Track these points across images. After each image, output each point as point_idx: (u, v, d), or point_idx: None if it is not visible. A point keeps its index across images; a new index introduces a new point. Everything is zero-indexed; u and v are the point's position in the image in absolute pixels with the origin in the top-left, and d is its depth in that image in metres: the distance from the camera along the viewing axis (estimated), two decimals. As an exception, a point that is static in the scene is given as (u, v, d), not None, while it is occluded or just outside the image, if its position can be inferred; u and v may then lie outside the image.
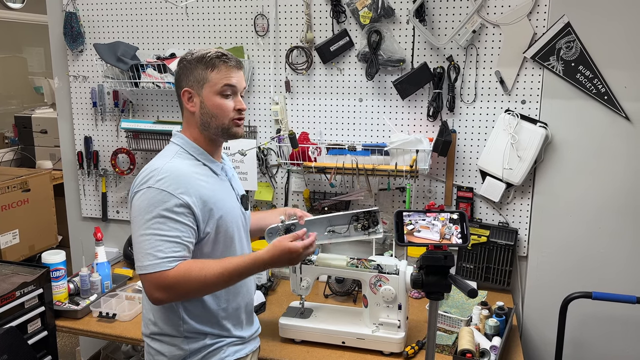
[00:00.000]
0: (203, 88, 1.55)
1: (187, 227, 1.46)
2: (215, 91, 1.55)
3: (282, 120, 2.50)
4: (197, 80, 1.55)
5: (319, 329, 1.95)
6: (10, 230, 3.71)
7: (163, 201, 1.44)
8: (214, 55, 1.55)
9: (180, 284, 1.42)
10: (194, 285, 1.43)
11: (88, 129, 2.83)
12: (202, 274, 1.44)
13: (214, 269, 1.45)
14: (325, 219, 1.93)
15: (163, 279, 1.41)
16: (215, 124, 1.57)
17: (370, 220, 1.93)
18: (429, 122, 2.35)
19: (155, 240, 1.42)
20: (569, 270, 2.28)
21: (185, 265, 1.44)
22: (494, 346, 1.85)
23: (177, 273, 1.42)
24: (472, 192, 2.35)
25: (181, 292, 1.45)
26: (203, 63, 1.54)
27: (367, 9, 2.26)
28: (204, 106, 1.56)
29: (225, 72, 1.55)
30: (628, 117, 2.12)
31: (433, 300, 1.39)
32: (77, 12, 2.70)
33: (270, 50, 2.49)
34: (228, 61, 1.56)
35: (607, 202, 2.20)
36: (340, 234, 1.93)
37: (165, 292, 1.43)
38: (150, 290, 1.43)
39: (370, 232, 1.92)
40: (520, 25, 2.17)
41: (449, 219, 1.40)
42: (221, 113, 1.56)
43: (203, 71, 1.54)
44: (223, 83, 1.55)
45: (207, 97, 1.55)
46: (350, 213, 1.92)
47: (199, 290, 1.48)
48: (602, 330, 2.28)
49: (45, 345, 2.04)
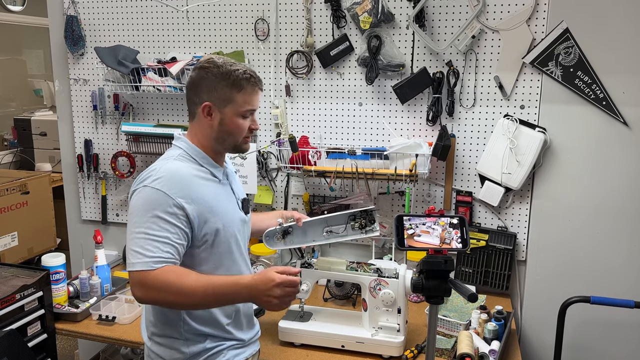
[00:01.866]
0: (226, 107, 1.54)
1: (178, 229, 1.45)
2: (238, 113, 1.55)
3: (282, 124, 2.51)
4: (221, 98, 1.53)
5: (318, 333, 1.95)
6: (9, 233, 3.71)
7: (157, 201, 1.44)
8: (242, 76, 1.52)
9: (159, 285, 1.40)
10: (171, 291, 1.41)
11: (88, 131, 2.83)
12: (179, 282, 1.41)
13: (192, 281, 1.42)
14: (323, 220, 1.95)
15: (144, 278, 1.41)
16: (229, 141, 1.58)
17: (367, 219, 1.95)
18: (429, 127, 2.37)
19: (144, 239, 1.42)
20: (568, 274, 2.29)
21: (167, 269, 1.42)
22: (492, 350, 1.86)
23: (157, 275, 1.40)
24: (471, 196, 2.36)
25: (159, 296, 1.43)
26: (230, 81, 1.52)
27: (367, 14, 2.28)
28: (223, 123, 1.55)
29: (250, 94, 1.55)
30: (626, 122, 2.14)
31: (433, 304, 1.40)
32: (78, 15, 2.71)
33: (271, 55, 2.50)
34: (255, 85, 1.55)
35: (606, 206, 2.21)
36: (337, 234, 1.95)
37: (145, 291, 1.42)
38: (132, 287, 1.44)
39: (367, 231, 1.95)
40: (519, 30, 2.19)
41: (449, 224, 1.41)
42: (239, 132, 1.57)
43: (229, 90, 1.52)
44: (247, 108, 1.55)
45: (229, 116, 1.55)
46: (347, 213, 1.93)
47: (175, 297, 1.42)
48: (601, 335, 2.29)
49: (44, 348, 2.04)
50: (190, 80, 1.58)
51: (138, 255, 1.42)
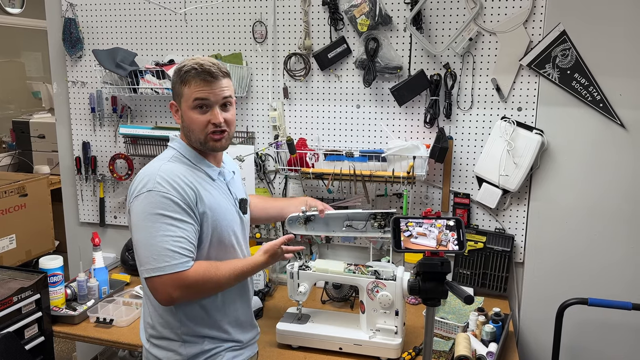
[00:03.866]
0: (181, 102, 1.57)
1: (191, 225, 1.49)
2: (189, 106, 1.54)
3: (280, 126, 2.51)
4: (177, 94, 1.58)
5: (316, 335, 1.95)
6: (7, 235, 3.71)
7: (165, 203, 1.45)
8: (188, 68, 1.52)
9: (199, 283, 1.48)
10: (210, 285, 1.51)
11: (86, 134, 2.83)
12: (218, 275, 1.51)
13: (225, 270, 1.53)
14: (344, 215, 2.01)
15: (183, 279, 1.45)
16: (194, 137, 1.58)
17: (387, 220, 2.00)
18: (426, 129, 2.37)
19: (167, 242, 1.44)
20: (565, 276, 2.29)
21: (202, 265, 1.49)
22: (490, 352, 1.86)
23: (197, 273, 1.47)
24: (469, 198, 2.36)
25: (198, 291, 1.51)
26: (179, 77, 1.55)
27: (364, 16, 2.28)
28: (183, 119, 1.58)
29: (196, 86, 1.52)
30: (623, 124, 2.14)
31: (430, 306, 1.40)
32: (76, 18, 2.71)
33: (269, 57, 2.50)
34: (200, 74, 1.51)
35: (603, 208, 2.22)
36: (357, 229, 2.02)
37: (184, 291, 1.46)
38: (168, 290, 1.45)
39: (386, 231, 2.00)
40: (516, 33, 2.19)
41: (446, 226, 1.41)
42: (196, 127, 1.55)
43: (179, 85, 1.56)
44: (193, 97, 1.53)
45: (185, 111, 1.56)
46: (369, 212, 2.00)
47: (213, 290, 1.56)
48: (598, 336, 2.29)
49: (42, 350, 2.04)
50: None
51: (166, 257, 1.44)
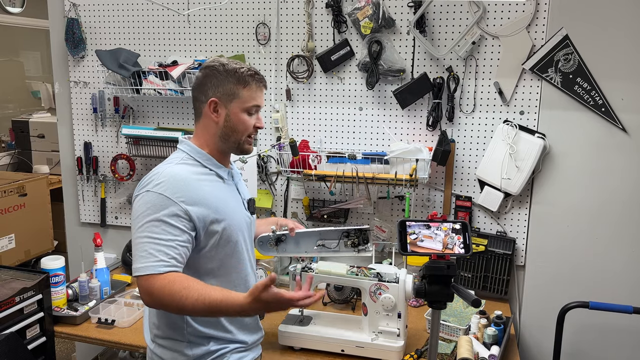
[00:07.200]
0: (232, 102, 1.57)
1: (182, 232, 1.46)
2: (244, 108, 1.58)
3: (283, 128, 2.52)
4: (227, 93, 1.56)
5: (318, 337, 1.96)
6: (6, 235, 3.70)
7: (160, 205, 1.45)
8: (247, 72, 1.57)
9: (163, 294, 1.40)
10: (173, 304, 1.40)
11: (88, 134, 2.83)
12: (186, 296, 1.39)
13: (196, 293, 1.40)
14: (316, 233, 1.95)
15: (151, 285, 1.41)
16: (233, 138, 1.59)
17: (361, 237, 1.96)
18: (429, 132, 2.38)
19: (149, 243, 1.43)
20: (566, 279, 2.30)
21: (172, 276, 1.41)
22: (492, 355, 1.86)
23: (163, 282, 1.40)
24: (471, 201, 2.37)
25: (162, 304, 1.43)
26: (235, 78, 1.56)
27: (368, 19, 2.29)
28: (228, 119, 1.57)
29: (255, 91, 1.59)
30: (625, 128, 2.15)
31: (435, 309, 1.40)
32: (79, 18, 2.71)
33: (272, 59, 2.51)
34: (261, 81, 1.60)
35: (604, 212, 2.23)
36: (329, 248, 1.96)
37: (150, 297, 1.42)
38: (140, 292, 1.44)
39: (360, 250, 1.97)
40: (519, 37, 2.20)
41: (452, 229, 1.41)
42: (243, 129, 1.59)
43: (234, 86, 1.56)
44: (253, 103, 1.58)
45: (234, 112, 1.57)
46: (342, 229, 1.94)
47: (175, 309, 1.43)
48: (599, 340, 2.30)
49: (43, 351, 2.03)
50: (197, 79, 1.61)
51: (142, 259, 1.42)
